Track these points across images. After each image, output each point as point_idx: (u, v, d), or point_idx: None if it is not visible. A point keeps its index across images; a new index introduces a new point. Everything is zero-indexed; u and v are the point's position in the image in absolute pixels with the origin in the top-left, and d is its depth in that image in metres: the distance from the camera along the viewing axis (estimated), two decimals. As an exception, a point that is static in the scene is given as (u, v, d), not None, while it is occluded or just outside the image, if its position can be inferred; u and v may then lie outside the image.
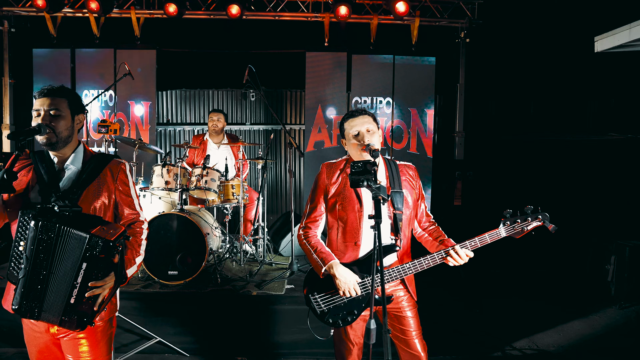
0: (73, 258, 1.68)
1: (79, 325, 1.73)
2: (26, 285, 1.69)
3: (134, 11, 5.72)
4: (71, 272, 1.68)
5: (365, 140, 2.23)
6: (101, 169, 2.00)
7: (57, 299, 1.70)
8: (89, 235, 1.67)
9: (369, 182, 1.94)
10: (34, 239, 1.67)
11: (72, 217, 1.74)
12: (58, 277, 1.70)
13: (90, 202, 1.92)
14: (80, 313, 1.73)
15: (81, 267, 1.68)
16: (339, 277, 2.16)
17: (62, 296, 1.70)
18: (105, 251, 1.70)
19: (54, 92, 1.93)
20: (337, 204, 2.29)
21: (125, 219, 2.05)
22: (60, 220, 1.69)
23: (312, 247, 2.28)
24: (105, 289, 1.76)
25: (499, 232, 2.20)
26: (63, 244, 1.69)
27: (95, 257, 1.69)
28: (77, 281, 1.69)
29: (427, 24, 5.82)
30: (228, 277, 4.10)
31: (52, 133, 1.89)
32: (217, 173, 4.27)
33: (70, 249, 1.68)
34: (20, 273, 1.69)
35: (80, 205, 1.90)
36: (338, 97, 5.85)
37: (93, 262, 1.69)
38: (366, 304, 2.28)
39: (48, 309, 1.72)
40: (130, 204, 2.05)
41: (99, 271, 1.72)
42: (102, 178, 1.98)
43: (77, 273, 1.68)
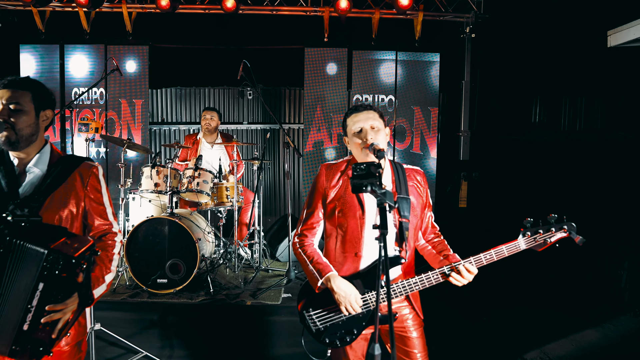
0: (27, 277, 1.43)
1: (33, 356, 1.47)
2: None
3: (126, 5, 5.48)
4: (25, 293, 1.43)
5: (369, 138, 1.99)
6: (69, 172, 1.75)
7: (7, 325, 1.45)
8: (47, 250, 1.42)
9: (373, 187, 1.69)
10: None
11: (30, 228, 1.49)
12: (9, 299, 1.44)
13: (55, 211, 1.68)
14: (35, 341, 1.47)
15: (37, 287, 1.43)
16: (338, 290, 1.93)
17: (14, 322, 1.44)
18: (67, 269, 1.45)
19: (15, 84, 1.70)
20: (336, 210, 2.05)
21: (95, 230, 1.81)
22: (13, 232, 1.45)
23: (308, 257, 2.04)
24: (66, 313, 1.51)
25: (518, 244, 1.95)
26: (16, 261, 1.44)
27: (55, 276, 1.44)
28: (31, 304, 1.43)
29: (431, 18, 5.58)
30: (221, 285, 3.87)
31: (11, 130, 1.65)
32: (210, 174, 4.03)
33: (24, 266, 1.44)
34: None
35: (44, 214, 1.66)
36: (338, 95, 5.61)
37: (52, 282, 1.44)
38: (367, 322, 2.05)
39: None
40: (101, 213, 1.82)
41: (58, 292, 1.47)
42: (69, 183, 1.74)
43: (32, 295, 1.43)
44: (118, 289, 3.75)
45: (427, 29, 5.58)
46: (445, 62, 5.62)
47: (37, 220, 1.54)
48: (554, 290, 4.79)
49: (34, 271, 1.43)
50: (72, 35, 5.66)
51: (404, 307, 2.10)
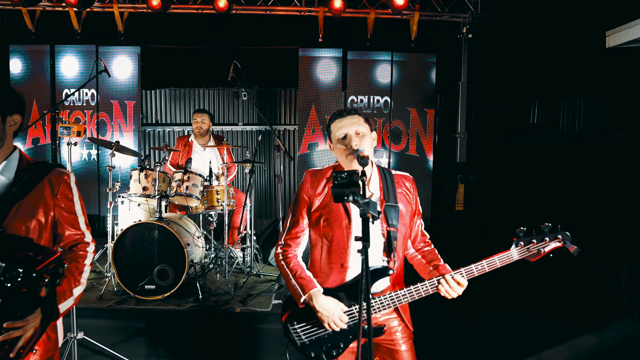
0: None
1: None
2: None
3: (117, 5, 5.39)
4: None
5: (353, 144, 1.90)
6: (38, 180, 1.66)
7: None
8: (6, 263, 1.33)
9: (355, 197, 1.60)
10: None
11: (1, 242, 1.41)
12: None
13: (22, 221, 1.60)
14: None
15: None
16: (321, 310, 1.85)
17: None
18: (27, 283, 1.36)
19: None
20: (321, 219, 1.96)
21: (66, 240, 1.72)
22: None
23: (291, 270, 1.95)
24: (26, 330, 1.41)
25: (511, 255, 1.87)
26: None
27: (14, 291, 1.34)
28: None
29: (427, 18, 5.48)
30: (211, 291, 3.79)
31: None
32: (200, 178, 3.95)
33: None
34: None
35: (9, 225, 1.57)
36: (333, 96, 5.52)
37: (10, 298, 1.35)
38: (354, 336, 1.97)
39: None
40: (73, 222, 1.73)
41: (18, 309, 1.38)
42: (38, 191, 1.65)
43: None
44: (105, 295, 3.67)
45: (424, 29, 5.49)
46: (441, 62, 5.54)
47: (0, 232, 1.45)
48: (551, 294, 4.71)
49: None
50: (62, 35, 5.58)
51: (393, 319, 2.02)
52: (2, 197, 1.61)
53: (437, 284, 1.87)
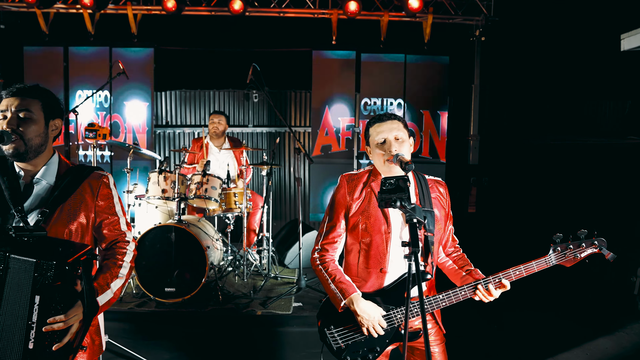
0: (23, 292, 1.34)
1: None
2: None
3: (131, 7, 5.40)
4: (23, 309, 1.33)
5: (393, 149, 1.91)
6: (78, 183, 1.67)
7: (12, 346, 1.35)
8: (36, 260, 1.33)
9: (402, 202, 1.62)
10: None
11: (34, 244, 1.39)
12: (9, 319, 1.35)
13: (64, 224, 1.60)
14: (45, 359, 1.38)
15: (34, 301, 1.33)
16: (362, 313, 1.85)
17: (18, 342, 1.34)
18: (61, 277, 1.35)
19: (24, 92, 1.61)
20: (359, 224, 1.97)
21: (107, 241, 1.74)
22: (14, 248, 1.35)
23: (330, 275, 1.96)
24: (69, 324, 1.41)
25: (549, 260, 1.88)
26: (15, 277, 1.35)
27: (49, 286, 1.33)
28: (32, 320, 1.33)
29: (440, 21, 5.50)
30: (230, 294, 3.79)
31: (19, 141, 1.57)
32: (219, 180, 3.95)
33: (18, 281, 1.34)
34: None
35: (52, 228, 1.57)
36: (346, 98, 5.53)
37: (48, 293, 1.34)
38: (391, 339, 1.98)
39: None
40: (114, 223, 1.74)
41: (57, 303, 1.37)
42: (79, 194, 1.66)
43: (31, 310, 1.33)
44: (125, 298, 3.67)
45: (436, 32, 5.51)
46: (454, 65, 5.55)
47: (42, 235, 1.44)
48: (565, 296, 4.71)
49: (27, 284, 1.33)
50: (76, 37, 5.58)
51: (427, 323, 2.02)
52: (44, 201, 1.62)
53: (474, 288, 1.88)
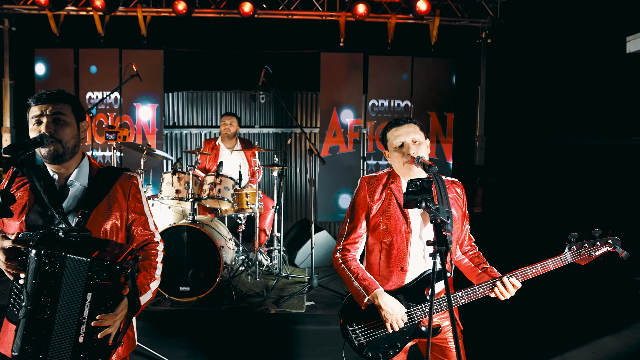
0: (76, 289, 1.42)
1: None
2: (28, 328, 1.42)
3: (141, 9, 5.46)
4: (75, 306, 1.42)
5: (411, 152, 1.99)
6: (111, 185, 1.75)
7: (64, 340, 1.43)
8: (91, 259, 1.41)
9: (427, 203, 1.69)
10: (36, 271, 1.41)
11: (81, 243, 1.47)
12: (63, 314, 1.43)
13: (100, 224, 1.68)
14: (92, 353, 1.46)
15: (86, 298, 1.42)
16: (386, 307, 1.91)
17: (69, 336, 1.43)
18: (112, 276, 1.44)
19: (56, 97, 1.67)
20: (380, 225, 2.03)
21: (137, 240, 1.80)
22: (64, 247, 1.43)
23: (353, 273, 2.02)
24: (116, 321, 1.49)
25: (565, 258, 1.95)
26: (67, 275, 1.43)
27: (101, 284, 1.43)
28: (83, 316, 1.42)
29: (447, 23, 5.57)
30: (243, 293, 3.85)
31: (58, 144, 1.63)
32: (231, 181, 4.01)
33: (72, 279, 1.43)
34: (21, 312, 1.42)
35: (89, 228, 1.64)
36: (354, 99, 5.59)
37: (99, 291, 1.43)
38: (411, 335, 2.04)
39: (55, 354, 1.44)
40: (144, 223, 1.80)
41: (107, 300, 1.46)
42: (112, 195, 1.73)
43: (83, 306, 1.42)
44: (140, 297, 3.72)
45: (443, 34, 5.57)
46: (461, 67, 5.61)
47: (87, 235, 1.51)
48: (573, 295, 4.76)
49: (80, 282, 1.42)
50: (86, 39, 5.63)
51: (445, 319, 2.09)
52: (81, 202, 1.69)
53: (493, 286, 1.94)
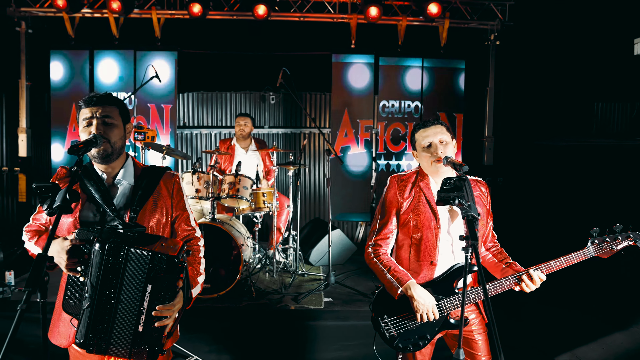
0: (137, 280, 1.52)
1: (150, 357, 1.55)
2: (92, 317, 1.51)
3: (155, 11, 5.54)
4: (136, 296, 1.52)
5: (439, 152, 2.08)
6: (156, 183, 1.84)
7: (125, 328, 1.53)
8: (152, 252, 1.51)
9: (460, 200, 1.78)
10: (100, 264, 1.50)
11: (138, 237, 1.57)
12: (125, 304, 1.53)
13: (147, 221, 1.77)
14: (150, 342, 1.55)
15: (146, 289, 1.52)
16: (418, 298, 2.00)
17: (130, 325, 1.53)
18: (170, 269, 1.53)
19: (104, 100, 1.77)
20: (410, 221, 2.13)
21: (180, 235, 1.89)
22: (124, 241, 1.52)
23: (385, 266, 2.11)
24: (174, 312, 1.58)
25: (587, 252, 2.04)
26: (129, 267, 1.52)
27: (161, 277, 1.52)
28: (143, 306, 1.52)
29: (456, 25, 5.66)
30: (261, 290, 3.93)
31: (107, 144, 1.73)
32: (250, 180, 4.09)
33: (133, 271, 1.52)
34: (85, 303, 1.52)
35: None
36: (365, 100, 5.68)
37: (158, 283, 1.53)
38: (440, 327, 2.13)
39: (116, 342, 1.54)
40: (186, 219, 1.90)
41: (165, 292, 1.55)
42: (157, 193, 1.82)
43: (143, 297, 1.52)
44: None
45: (452, 36, 5.66)
46: (470, 68, 5.70)
47: (142, 230, 1.61)
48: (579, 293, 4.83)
49: (142, 274, 1.51)
50: (101, 41, 5.72)
51: (471, 312, 2.18)
52: (130, 200, 1.77)
53: (518, 280, 2.03)
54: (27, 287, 1.30)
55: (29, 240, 1.80)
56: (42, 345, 1.43)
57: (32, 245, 1.78)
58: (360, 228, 6.30)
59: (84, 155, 1.63)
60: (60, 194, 1.51)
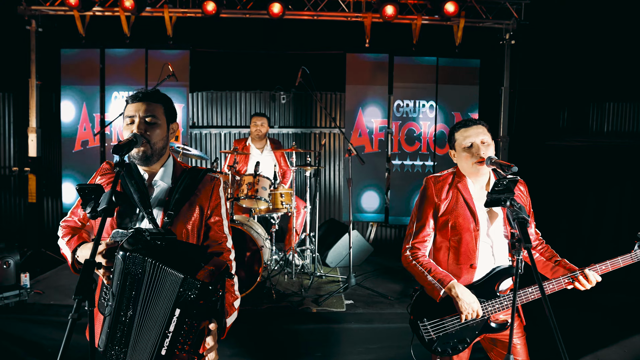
0: (165, 301, 1.40)
1: None
2: (111, 326, 1.43)
3: (167, 10, 5.48)
4: (162, 318, 1.40)
5: (481, 153, 2.03)
6: (196, 185, 1.75)
7: (145, 347, 1.42)
8: (184, 276, 1.38)
9: (511, 202, 1.74)
10: (120, 273, 1.41)
11: (166, 247, 1.45)
12: (146, 321, 1.42)
13: (183, 224, 1.68)
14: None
15: (174, 313, 1.39)
16: (462, 297, 1.96)
17: (151, 345, 1.41)
18: (204, 296, 1.40)
19: (149, 97, 1.69)
20: (449, 223, 2.08)
21: (211, 240, 1.78)
22: (149, 251, 1.41)
23: (426, 268, 2.07)
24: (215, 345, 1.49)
25: (635, 255, 2.02)
26: (153, 283, 1.41)
27: (191, 302, 1.39)
28: (169, 330, 1.39)
29: (471, 25, 5.61)
30: (281, 292, 3.88)
31: (147, 145, 1.65)
32: (268, 181, 4.04)
33: (161, 289, 1.41)
34: (107, 310, 1.43)
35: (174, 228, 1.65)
36: (379, 100, 5.63)
37: (189, 309, 1.39)
38: (480, 331, 2.09)
39: (134, 358, 1.44)
40: (219, 225, 1.80)
41: (195, 319, 1.42)
42: (196, 196, 1.73)
43: (169, 320, 1.39)
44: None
45: (467, 36, 5.61)
46: (484, 68, 5.65)
47: (173, 238, 1.49)
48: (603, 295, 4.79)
49: (170, 296, 1.39)
50: (112, 39, 5.65)
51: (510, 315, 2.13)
52: (166, 203, 1.69)
53: (572, 279, 1.99)
54: (77, 295, 1.20)
55: (62, 237, 1.72)
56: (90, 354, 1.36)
57: (63, 244, 1.70)
58: (372, 228, 6.25)
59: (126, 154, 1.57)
60: (105, 196, 1.43)
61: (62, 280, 4.27)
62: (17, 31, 5.51)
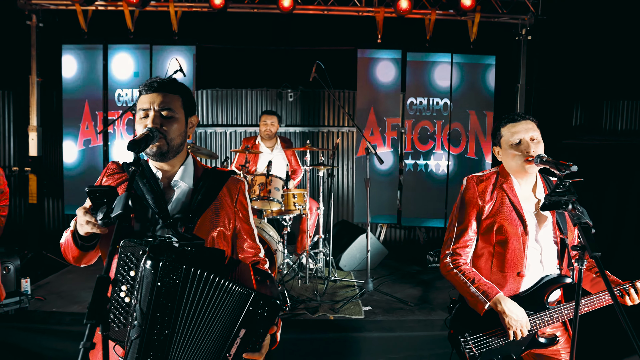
0: (224, 321, 1.24)
1: None
2: (142, 350, 1.20)
3: (173, 4, 5.29)
4: (220, 339, 1.24)
5: (531, 151, 1.85)
6: (219, 188, 1.57)
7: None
8: (254, 293, 1.23)
9: (574, 206, 1.56)
10: (153, 285, 1.18)
11: (197, 254, 1.27)
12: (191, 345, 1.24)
13: (207, 232, 1.49)
14: None
15: (238, 334, 1.24)
16: (510, 313, 1.78)
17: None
18: (274, 314, 1.28)
19: (166, 87, 1.49)
20: (494, 227, 1.90)
21: (244, 253, 1.62)
22: (183, 259, 1.22)
23: (468, 278, 1.89)
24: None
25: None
26: (203, 299, 1.23)
27: (258, 321, 1.25)
28: (229, 352, 1.24)
29: (486, 20, 5.43)
30: (295, 297, 3.70)
31: (163, 140, 1.45)
32: (281, 181, 3.86)
33: (219, 307, 1.24)
34: (133, 332, 1.20)
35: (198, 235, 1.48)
36: (392, 97, 5.45)
37: (256, 328, 1.26)
38: (527, 346, 1.91)
39: None
40: (250, 233, 1.64)
41: (261, 338, 1.29)
42: (220, 200, 1.55)
43: (231, 343, 1.24)
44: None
45: (482, 31, 5.43)
46: (500, 64, 5.47)
47: (201, 243, 1.31)
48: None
49: (234, 315, 1.23)
50: (115, 35, 5.46)
51: (557, 329, 1.97)
52: (187, 206, 1.50)
53: (623, 292, 1.82)
54: (90, 319, 0.98)
55: None
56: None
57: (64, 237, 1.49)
58: (382, 230, 6.07)
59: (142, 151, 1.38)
60: (120, 200, 1.21)
61: (65, 285, 4.09)
62: (17, 26, 5.32)
